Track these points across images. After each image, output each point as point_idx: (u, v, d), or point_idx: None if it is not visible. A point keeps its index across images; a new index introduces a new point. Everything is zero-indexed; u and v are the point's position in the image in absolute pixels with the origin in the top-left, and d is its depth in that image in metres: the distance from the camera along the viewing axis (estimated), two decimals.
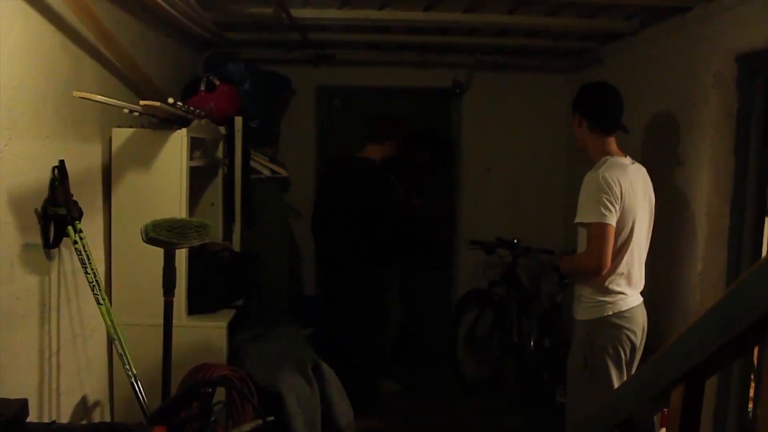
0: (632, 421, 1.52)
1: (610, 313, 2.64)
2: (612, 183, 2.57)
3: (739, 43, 2.76)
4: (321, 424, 2.98)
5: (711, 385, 2.81)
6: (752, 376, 2.81)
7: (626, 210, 2.60)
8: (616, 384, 2.62)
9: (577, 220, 2.65)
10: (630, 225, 2.63)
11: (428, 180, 4.77)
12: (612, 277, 2.63)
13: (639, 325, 2.69)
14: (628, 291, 2.67)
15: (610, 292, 2.64)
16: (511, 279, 4.36)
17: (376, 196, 3.77)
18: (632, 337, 2.66)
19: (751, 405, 2.81)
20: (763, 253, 2.78)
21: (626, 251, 2.65)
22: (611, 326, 2.64)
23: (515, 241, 4.32)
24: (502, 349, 4.39)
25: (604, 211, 2.55)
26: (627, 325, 2.65)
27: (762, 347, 2.63)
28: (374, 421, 3.61)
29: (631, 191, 2.61)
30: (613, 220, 2.56)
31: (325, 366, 3.13)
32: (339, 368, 3.20)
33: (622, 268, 2.65)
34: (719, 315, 1.12)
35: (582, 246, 2.67)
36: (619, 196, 2.57)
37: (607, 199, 2.55)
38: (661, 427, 2.69)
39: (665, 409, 2.04)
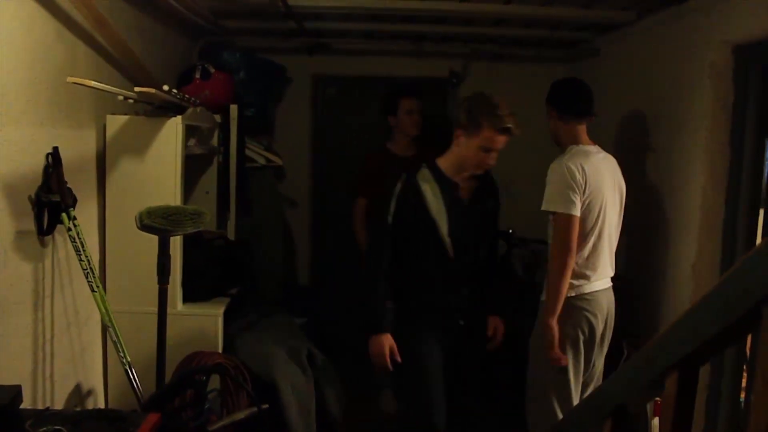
0: (625, 409, 1.53)
1: (573, 294, 2.70)
2: (575, 170, 2.63)
3: (735, 33, 2.76)
4: (315, 412, 2.99)
5: (703, 375, 2.83)
6: (744, 366, 2.82)
7: (593, 194, 2.66)
8: (570, 362, 2.71)
9: (543, 208, 2.70)
10: (597, 209, 2.69)
11: None
12: (577, 261, 2.68)
13: (601, 309, 2.76)
14: (593, 275, 2.74)
15: (574, 274, 2.69)
16: (506, 269, 4.37)
17: None
18: (592, 319, 2.73)
19: (743, 395, 2.83)
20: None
21: (593, 235, 2.71)
22: (572, 307, 2.71)
23: (510, 231, 4.31)
24: None
25: (568, 202, 2.61)
26: (588, 308, 2.73)
27: (755, 336, 2.64)
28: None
29: (596, 176, 2.67)
30: (578, 211, 2.62)
31: (319, 355, 3.14)
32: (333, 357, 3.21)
33: (588, 252, 2.71)
34: (713, 303, 1.13)
35: (551, 232, 2.72)
36: (583, 183, 2.63)
37: (571, 188, 2.61)
38: (654, 416, 2.70)
39: (658, 399, 2.06)
